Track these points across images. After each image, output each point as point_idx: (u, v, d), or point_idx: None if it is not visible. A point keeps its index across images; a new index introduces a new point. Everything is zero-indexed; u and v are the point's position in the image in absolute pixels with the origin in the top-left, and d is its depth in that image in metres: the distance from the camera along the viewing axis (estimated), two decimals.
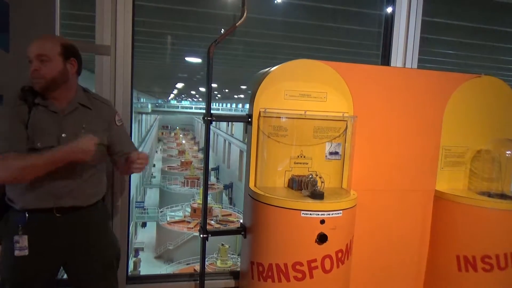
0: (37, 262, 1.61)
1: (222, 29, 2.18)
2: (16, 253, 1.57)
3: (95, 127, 1.67)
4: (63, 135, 1.59)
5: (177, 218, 19.58)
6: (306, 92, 1.99)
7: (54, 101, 1.62)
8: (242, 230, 2.07)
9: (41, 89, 1.57)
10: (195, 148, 37.76)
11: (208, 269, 2.19)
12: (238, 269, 2.29)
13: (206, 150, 2.20)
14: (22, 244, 1.58)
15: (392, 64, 2.61)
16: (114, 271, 1.83)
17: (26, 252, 1.58)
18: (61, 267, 1.74)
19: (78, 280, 1.75)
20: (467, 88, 2.21)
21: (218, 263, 14.27)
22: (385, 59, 2.66)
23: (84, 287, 1.76)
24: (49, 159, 1.50)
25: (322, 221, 1.73)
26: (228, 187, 25.20)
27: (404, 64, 2.61)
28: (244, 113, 2.05)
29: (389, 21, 2.65)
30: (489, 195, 2.13)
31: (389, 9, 2.65)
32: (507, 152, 2.18)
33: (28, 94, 1.59)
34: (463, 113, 2.23)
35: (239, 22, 2.12)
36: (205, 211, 2.22)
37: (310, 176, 1.89)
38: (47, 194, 1.59)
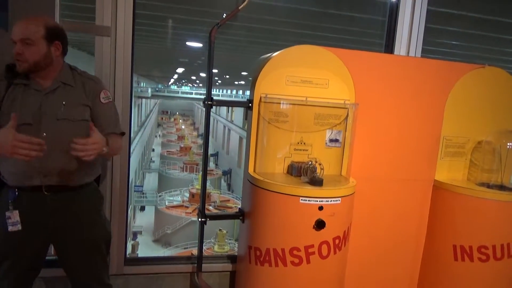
0: (25, 239, 1.62)
1: (224, 14, 2.15)
2: (10, 228, 1.58)
3: (75, 103, 1.65)
4: (45, 112, 1.58)
5: (175, 203, 19.71)
6: (307, 78, 1.97)
7: (39, 80, 1.62)
8: (240, 215, 2.08)
9: (24, 71, 1.57)
10: (195, 133, 37.80)
11: (205, 253, 2.21)
12: (236, 254, 2.31)
13: (206, 134, 2.19)
14: (14, 220, 1.58)
15: (396, 53, 2.58)
16: (102, 255, 1.80)
17: (19, 227, 1.59)
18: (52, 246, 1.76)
19: (65, 260, 1.76)
20: (470, 78, 2.19)
21: (216, 248, 14.41)
22: (389, 48, 2.63)
23: (69, 267, 1.77)
24: None
25: (321, 208, 1.74)
26: (227, 173, 25.28)
27: (408, 53, 2.58)
28: (244, 99, 2.04)
29: (394, 9, 2.61)
30: (488, 186, 2.13)
31: None
32: (508, 144, 2.17)
33: (12, 71, 1.58)
34: (465, 103, 2.21)
35: (242, 5, 2.09)
36: (204, 195, 2.23)
37: (310, 162, 1.89)
38: (35, 172, 1.58)
